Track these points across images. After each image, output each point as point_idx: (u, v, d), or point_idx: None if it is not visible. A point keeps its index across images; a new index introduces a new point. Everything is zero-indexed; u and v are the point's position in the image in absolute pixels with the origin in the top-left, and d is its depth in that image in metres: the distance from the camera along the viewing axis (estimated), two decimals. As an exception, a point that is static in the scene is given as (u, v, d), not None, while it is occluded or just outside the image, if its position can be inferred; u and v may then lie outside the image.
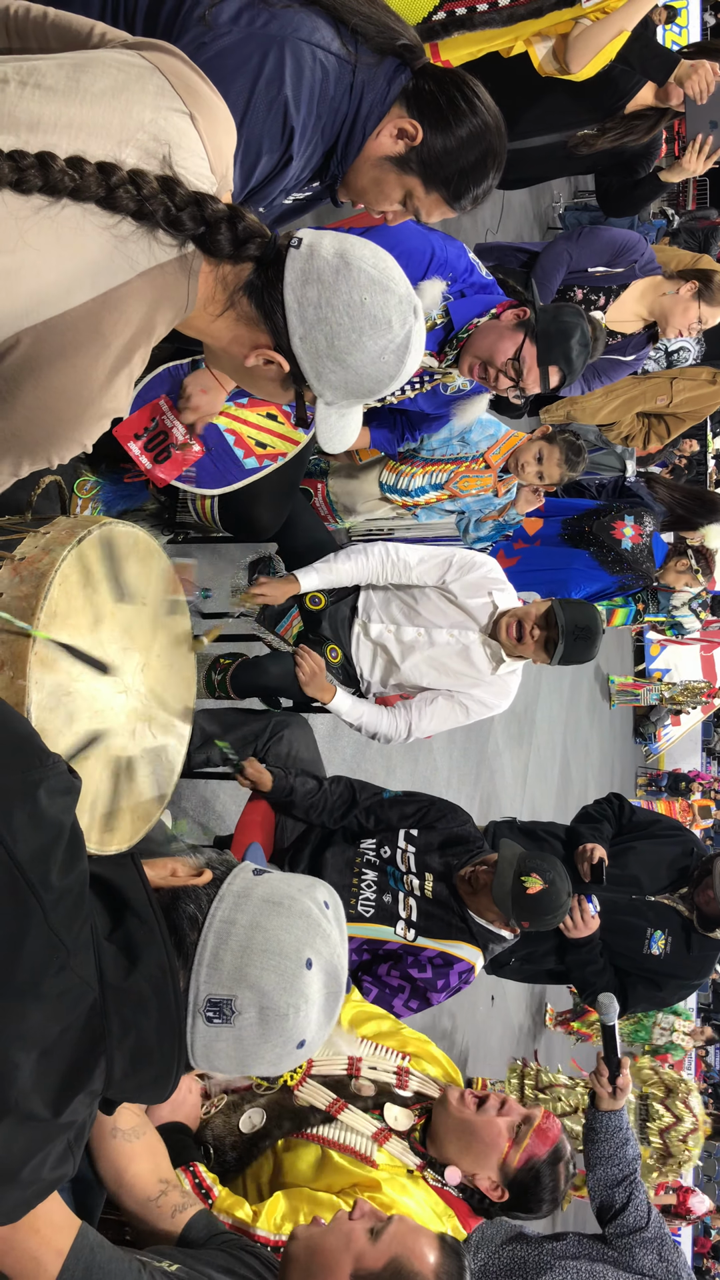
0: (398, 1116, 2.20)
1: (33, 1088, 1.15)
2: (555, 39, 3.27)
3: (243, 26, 1.77)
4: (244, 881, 1.36)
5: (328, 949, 1.33)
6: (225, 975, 1.28)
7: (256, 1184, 2.08)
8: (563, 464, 3.68)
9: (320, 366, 1.43)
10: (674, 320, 4.03)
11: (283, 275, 1.39)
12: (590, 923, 3.55)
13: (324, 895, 1.39)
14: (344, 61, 1.86)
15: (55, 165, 1.26)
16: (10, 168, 1.24)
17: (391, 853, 2.95)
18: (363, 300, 1.39)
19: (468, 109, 1.93)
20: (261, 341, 1.44)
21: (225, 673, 3.24)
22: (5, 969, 1.13)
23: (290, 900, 1.34)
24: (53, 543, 1.84)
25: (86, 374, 1.31)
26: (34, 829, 1.17)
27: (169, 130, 1.38)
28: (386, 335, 1.41)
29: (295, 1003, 1.28)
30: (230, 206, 1.38)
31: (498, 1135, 2.20)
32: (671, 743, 14.02)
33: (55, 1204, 1.42)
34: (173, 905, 1.33)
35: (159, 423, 2.58)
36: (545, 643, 3.09)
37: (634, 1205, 2.79)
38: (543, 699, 8.76)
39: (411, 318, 1.44)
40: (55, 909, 1.17)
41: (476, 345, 2.97)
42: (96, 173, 1.28)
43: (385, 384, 1.47)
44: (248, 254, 1.39)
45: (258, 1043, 1.29)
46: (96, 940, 1.23)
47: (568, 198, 8.95)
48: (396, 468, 3.67)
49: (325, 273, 1.39)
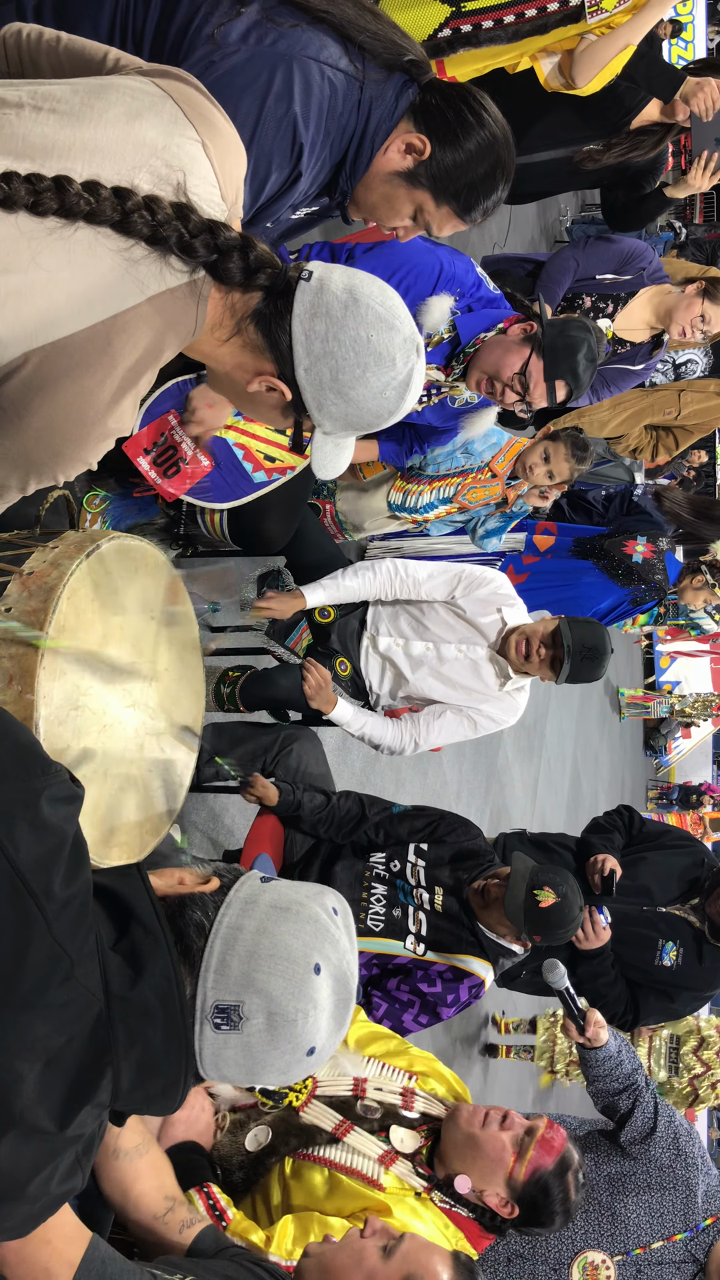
0: (404, 1139, 2.18)
1: (38, 1100, 1.14)
2: (561, 55, 3.28)
3: (251, 45, 1.79)
4: (251, 888, 1.36)
5: (336, 954, 1.33)
6: (232, 981, 1.28)
7: (267, 1208, 2.07)
8: (570, 459, 3.67)
9: (322, 398, 1.45)
10: (677, 316, 4.04)
11: (291, 306, 1.41)
12: (602, 934, 3.54)
13: (332, 901, 1.38)
14: (352, 78, 1.88)
15: (71, 189, 1.28)
16: (27, 190, 1.26)
17: (401, 866, 2.94)
18: (369, 337, 1.41)
19: (475, 122, 1.94)
20: (265, 369, 1.46)
21: (234, 685, 3.24)
22: (8, 979, 1.13)
23: (298, 906, 1.33)
24: (61, 557, 1.85)
25: (94, 394, 1.32)
26: (36, 838, 1.17)
27: (182, 157, 1.40)
28: (390, 372, 1.44)
29: (304, 1008, 1.28)
30: (242, 235, 1.40)
31: (501, 1150, 2.18)
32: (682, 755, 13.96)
33: (66, 1216, 1.41)
34: (179, 912, 1.33)
35: (168, 438, 2.59)
36: (552, 661, 3.09)
37: (640, 1110, 2.83)
38: (553, 712, 8.74)
39: (414, 356, 1.46)
40: (58, 918, 1.17)
41: (483, 360, 2.98)
42: (112, 197, 1.30)
43: (384, 419, 1.49)
44: (258, 283, 1.41)
45: (266, 1049, 1.28)
46: (101, 950, 1.23)
47: (575, 211, 8.98)
48: (404, 487, 3.68)
49: (334, 307, 1.41)
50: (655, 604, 4.70)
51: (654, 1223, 2.71)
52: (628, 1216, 2.72)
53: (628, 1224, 2.71)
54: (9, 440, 1.33)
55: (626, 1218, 2.72)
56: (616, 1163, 2.83)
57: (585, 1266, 2.65)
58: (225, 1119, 2.13)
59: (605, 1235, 2.69)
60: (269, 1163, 2.09)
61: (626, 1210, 2.73)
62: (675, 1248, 2.69)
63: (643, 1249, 2.67)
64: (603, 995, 3.67)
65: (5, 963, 1.13)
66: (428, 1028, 2.86)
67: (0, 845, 1.14)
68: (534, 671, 3.14)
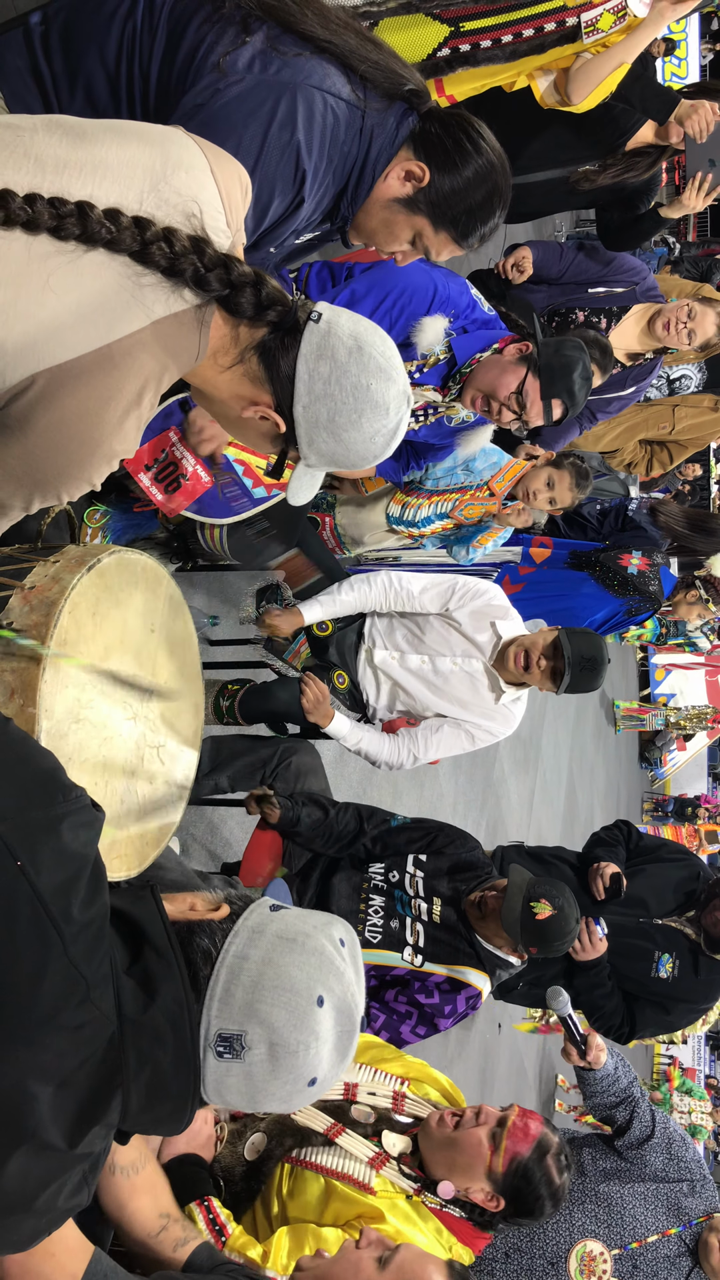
0: (395, 1142, 2.20)
1: (50, 1119, 1.16)
2: (557, 73, 3.32)
3: (256, 73, 1.82)
4: (260, 917, 1.37)
5: (341, 987, 1.33)
6: (236, 1010, 1.28)
7: (268, 1218, 2.08)
8: (574, 488, 3.72)
9: (314, 435, 1.50)
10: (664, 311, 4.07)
11: (298, 344, 1.45)
12: (598, 945, 3.55)
13: (340, 933, 1.39)
14: (354, 107, 1.91)
15: (93, 215, 1.31)
16: (50, 214, 1.29)
17: (400, 877, 2.96)
18: (369, 385, 1.47)
19: (473, 150, 1.98)
20: (263, 400, 1.50)
21: (233, 699, 3.25)
22: (26, 1001, 1.15)
23: (304, 937, 1.34)
24: (62, 571, 1.87)
25: (99, 416, 1.34)
26: (57, 863, 1.19)
27: (191, 184, 1.44)
28: (382, 420, 1.49)
29: (305, 1040, 1.28)
30: (256, 272, 1.43)
31: (478, 1144, 2.18)
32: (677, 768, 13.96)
33: (70, 1230, 1.42)
34: (188, 939, 1.33)
35: (169, 454, 2.61)
36: (552, 672, 3.11)
37: (637, 1120, 2.88)
38: (548, 725, 8.76)
39: (404, 407, 1.52)
40: (76, 942, 1.18)
41: (479, 380, 3.00)
42: (132, 226, 1.34)
43: (367, 461, 1.55)
44: (267, 319, 1.45)
45: (268, 1079, 1.29)
46: (115, 974, 1.24)
47: (569, 227, 9.04)
48: (403, 500, 3.70)
49: (339, 352, 1.46)
50: (650, 614, 4.73)
51: (649, 1217, 2.74)
52: (624, 1209, 2.75)
53: (623, 1216, 2.73)
54: (15, 460, 1.35)
55: (622, 1209, 2.75)
56: (613, 1159, 2.86)
57: (583, 1256, 2.67)
58: (224, 1131, 2.14)
59: (602, 1225, 2.72)
60: (268, 1168, 2.10)
61: (623, 1202, 2.76)
62: (670, 1242, 2.71)
63: (639, 1243, 2.69)
64: (599, 1007, 3.68)
65: (24, 985, 1.15)
66: (425, 1039, 2.87)
67: (23, 870, 1.15)
68: (534, 683, 3.16)
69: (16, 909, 1.15)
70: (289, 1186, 2.08)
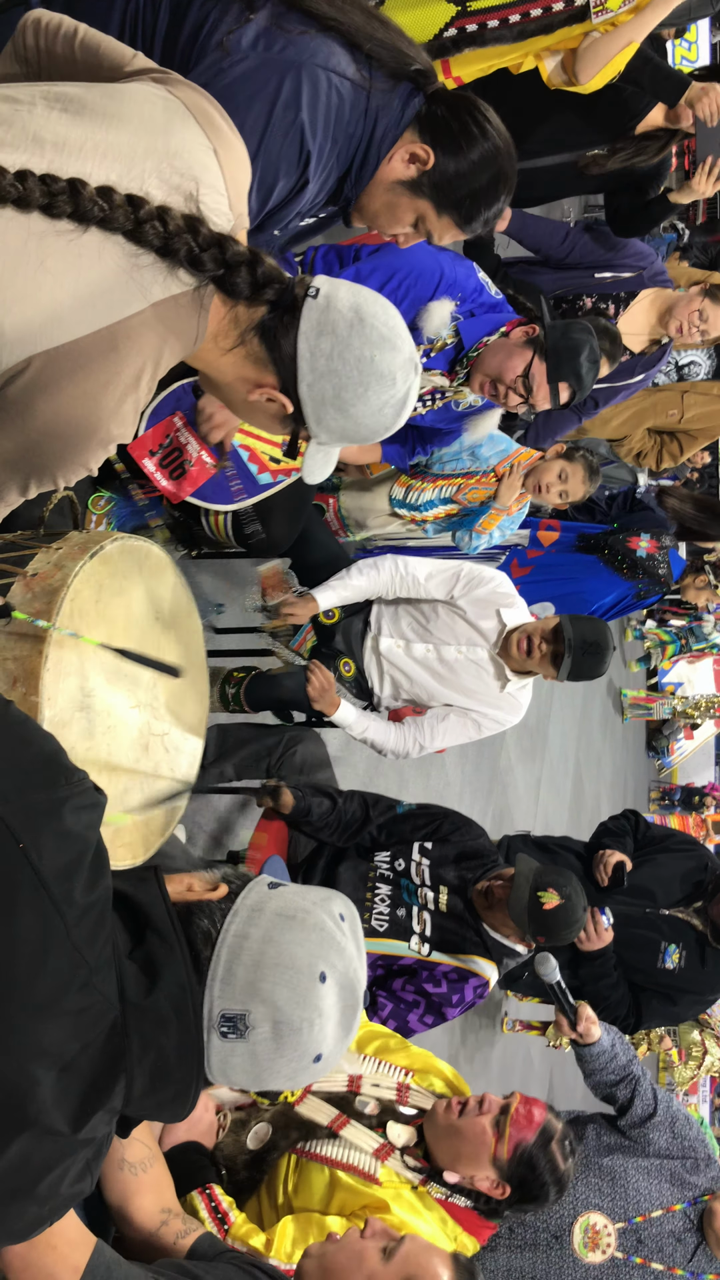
0: (399, 1133, 2.20)
1: (53, 1103, 1.16)
2: (565, 53, 3.28)
3: (260, 52, 1.79)
4: (258, 895, 1.37)
5: (343, 962, 1.33)
6: (238, 990, 1.28)
7: (273, 1206, 2.08)
8: (586, 481, 3.71)
9: (322, 412, 1.47)
10: (676, 311, 4.05)
11: (297, 322, 1.43)
12: (604, 935, 3.54)
13: (340, 908, 1.39)
14: (359, 87, 1.88)
15: (85, 193, 1.29)
16: (42, 191, 1.27)
17: (406, 865, 2.95)
18: (372, 356, 1.43)
19: (479, 133, 1.95)
20: (267, 381, 1.48)
21: (239, 686, 3.24)
22: (28, 985, 1.14)
23: (304, 914, 1.33)
24: (65, 558, 1.85)
25: (96, 400, 1.33)
26: (60, 846, 1.19)
27: (194, 165, 1.41)
28: (390, 390, 1.46)
29: (309, 1017, 1.28)
30: (251, 250, 1.41)
31: (482, 1132, 2.19)
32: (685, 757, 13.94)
33: (71, 1221, 1.42)
34: (187, 920, 1.33)
35: (173, 439, 2.60)
36: (553, 658, 3.09)
37: (639, 1098, 2.87)
38: (555, 713, 8.74)
39: (412, 375, 1.49)
40: (78, 926, 1.18)
41: (486, 363, 2.98)
42: (125, 204, 1.31)
43: (379, 434, 1.52)
44: (264, 298, 1.42)
45: (273, 1057, 1.29)
46: (118, 958, 1.24)
47: (578, 211, 8.98)
48: (407, 482, 3.69)
49: (340, 326, 1.42)
50: (657, 599, 4.71)
51: (654, 1191, 2.74)
52: (627, 1183, 2.75)
53: (627, 1190, 2.73)
54: (10, 444, 1.33)
55: (626, 1183, 2.75)
56: (616, 1137, 2.86)
57: (587, 1229, 2.67)
58: (227, 1119, 2.14)
59: (606, 1199, 2.72)
60: (272, 1158, 2.10)
61: (626, 1176, 2.76)
62: (675, 1218, 2.71)
63: (643, 1217, 2.69)
64: (605, 998, 3.68)
65: (25, 968, 1.14)
66: (433, 1028, 2.86)
67: (25, 853, 1.15)
68: (535, 668, 3.15)
69: (19, 892, 1.15)
70: (294, 1179, 2.07)
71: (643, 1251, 2.68)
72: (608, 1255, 2.66)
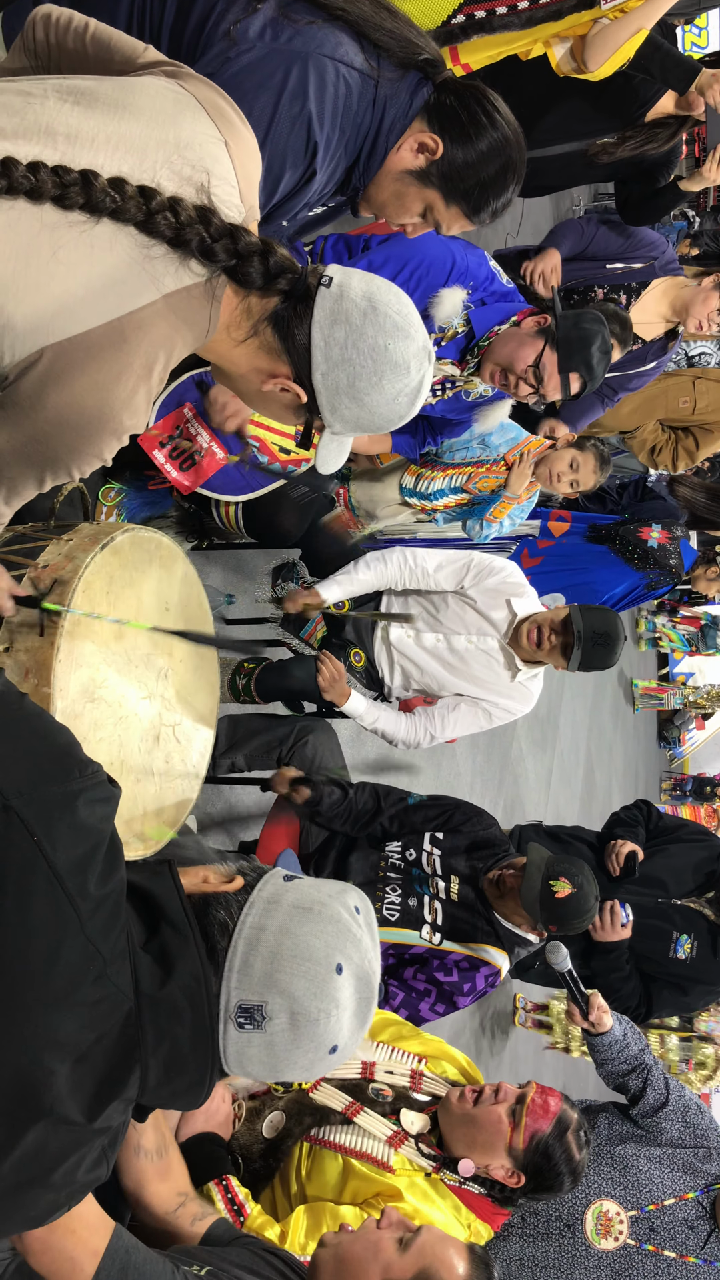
0: (413, 1120, 2.21)
1: (69, 1094, 1.17)
2: (574, 40, 3.26)
3: (267, 42, 1.79)
4: (274, 888, 1.37)
5: (358, 954, 1.33)
6: (255, 981, 1.29)
7: (287, 1196, 2.09)
8: (597, 471, 3.71)
9: (336, 402, 1.47)
10: (694, 310, 4.03)
11: (311, 312, 1.42)
12: (619, 930, 3.53)
13: (355, 900, 1.39)
14: (366, 76, 1.87)
15: (97, 184, 1.29)
16: (54, 182, 1.27)
17: (417, 855, 2.95)
18: (386, 345, 1.43)
19: (488, 122, 1.94)
20: (281, 371, 1.48)
21: (249, 677, 3.25)
22: (43, 977, 1.15)
23: (320, 906, 1.34)
24: (76, 550, 1.86)
25: (108, 391, 1.33)
26: (73, 839, 1.19)
27: (205, 157, 1.41)
28: (404, 379, 1.46)
29: (326, 1008, 1.29)
30: (263, 240, 1.41)
31: (498, 1121, 2.19)
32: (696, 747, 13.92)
33: (90, 1206, 1.44)
34: (204, 912, 1.34)
35: (184, 430, 2.60)
36: (563, 648, 3.09)
37: (651, 1088, 2.87)
38: (566, 703, 8.73)
39: (426, 364, 1.49)
40: (92, 918, 1.19)
41: (497, 353, 2.97)
42: (137, 195, 1.32)
43: (393, 423, 1.52)
44: (277, 288, 1.42)
45: (290, 1048, 1.30)
46: (132, 949, 1.25)
47: (588, 201, 8.93)
48: (417, 471, 3.68)
49: (353, 315, 1.42)
50: (670, 588, 4.69)
51: (667, 1180, 2.75)
52: (640, 1171, 2.75)
53: (639, 1179, 2.74)
54: (25, 436, 1.34)
55: (639, 1172, 2.75)
56: (629, 1126, 2.87)
57: (599, 1215, 2.67)
58: (243, 1109, 2.15)
59: (618, 1187, 2.72)
60: (286, 1146, 2.11)
61: (639, 1165, 2.77)
62: (688, 1206, 2.72)
63: (656, 1205, 2.70)
64: (616, 990, 3.67)
65: (40, 961, 1.15)
66: (444, 1016, 2.87)
67: (40, 846, 1.16)
68: (546, 659, 3.14)
69: (33, 885, 1.16)
70: (307, 1166, 2.08)
71: (655, 1239, 2.68)
72: (620, 1243, 2.66)
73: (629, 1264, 2.66)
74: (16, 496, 1.43)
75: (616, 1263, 2.66)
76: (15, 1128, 1.15)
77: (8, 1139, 1.15)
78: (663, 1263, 2.67)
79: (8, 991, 1.14)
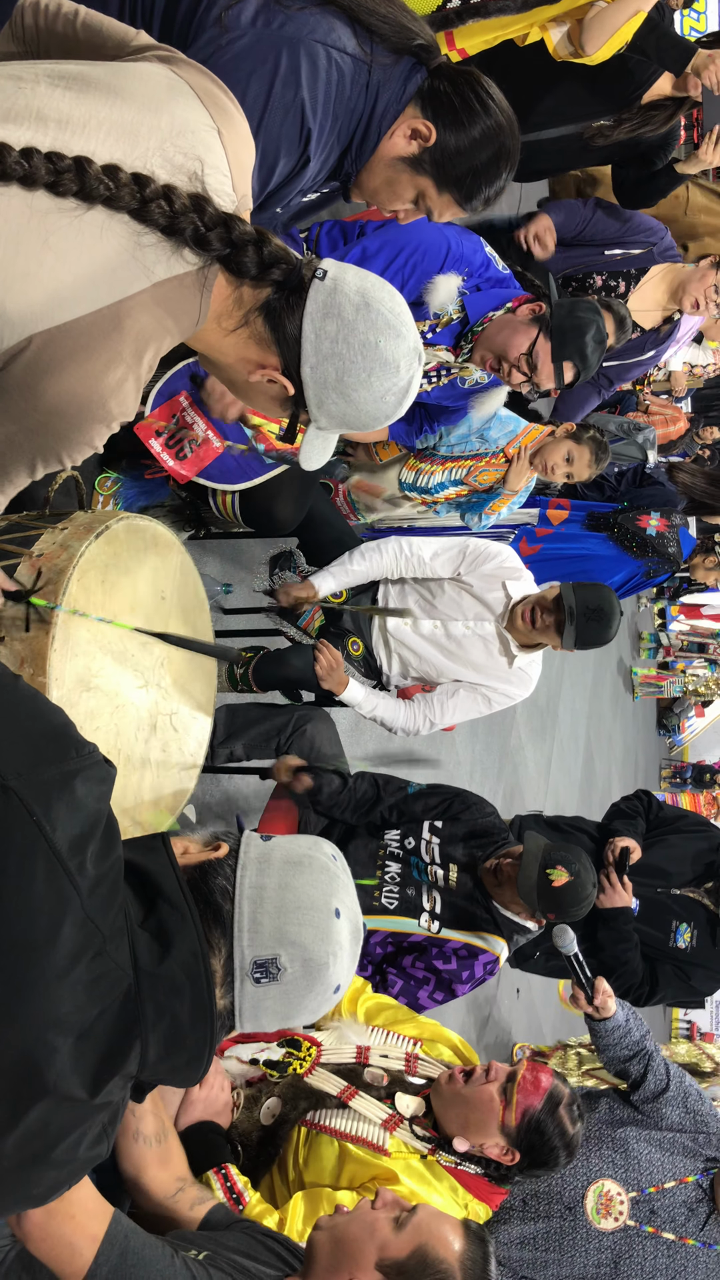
0: (408, 1104, 2.23)
1: (71, 1070, 1.18)
2: (570, 24, 3.24)
3: (259, 28, 1.77)
4: (258, 848, 1.42)
5: (349, 897, 1.41)
6: (266, 936, 1.34)
7: (285, 1182, 2.10)
8: (593, 463, 3.70)
9: (324, 396, 1.46)
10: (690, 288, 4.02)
11: (303, 303, 1.42)
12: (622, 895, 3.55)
13: (329, 849, 1.46)
14: (360, 62, 1.86)
15: (91, 170, 1.28)
16: (47, 169, 1.26)
17: (415, 844, 2.95)
18: (377, 342, 1.43)
19: (481, 109, 1.93)
20: (269, 363, 1.47)
21: (247, 666, 3.24)
22: (43, 954, 1.16)
23: (308, 858, 1.41)
24: (70, 538, 1.85)
25: (98, 379, 1.32)
26: (72, 818, 1.21)
27: (198, 145, 1.40)
28: (393, 378, 1.46)
29: (333, 950, 1.36)
30: (257, 230, 1.40)
31: (490, 1100, 2.21)
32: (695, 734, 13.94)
33: (89, 1191, 1.45)
34: (203, 880, 1.37)
35: (179, 419, 2.59)
36: (557, 625, 3.08)
37: (652, 1073, 2.89)
38: (565, 692, 8.73)
39: (415, 364, 1.49)
40: (91, 896, 1.20)
41: (491, 340, 2.96)
42: (131, 183, 1.31)
43: (379, 421, 1.51)
44: (270, 278, 1.41)
45: (303, 995, 1.36)
46: (130, 927, 1.27)
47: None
48: (416, 465, 3.67)
49: (346, 310, 1.41)
50: (667, 577, 4.69)
51: (666, 1163, 2.76)
52: (640, 1154, 2.77)
53: (640, 1161, 2.76)
54: (15, 425, 1.34)
55: (639, 1154, 2.77)
56: (629, 1111, 2.88)
57: (600, 1195, 2.69)
58: (240, 1097, 2.16)
59: (619, 1170, 2.74)
60: (284, 1132, 2.12)
61: (639, 1148, 2.79)
62: (688, 1189, 2.73)
63: (656, 1188, 2.72)
64: (623, 963, 3.65)
65: (41, 938, 1.17)
66: (443, 1004, 2.87)
67: (39, 825, 1.18)
68: (542, 639, 3.14)
69: (33, 864, 1.17)
70: (304, 1153, 2.09)
71: (655, 1221, 2.70)
72: (620, 1223, 2.68)
73: (629, 1245, 2.68)
74: (9, 484, 1.42)
75: (617, 1244, 2.68)
76: (19, 1105, 1.16)
77: (11, 1116, 1.16)
78: (662, 1244, 2.68)
79: (10, 969, 1.15)
